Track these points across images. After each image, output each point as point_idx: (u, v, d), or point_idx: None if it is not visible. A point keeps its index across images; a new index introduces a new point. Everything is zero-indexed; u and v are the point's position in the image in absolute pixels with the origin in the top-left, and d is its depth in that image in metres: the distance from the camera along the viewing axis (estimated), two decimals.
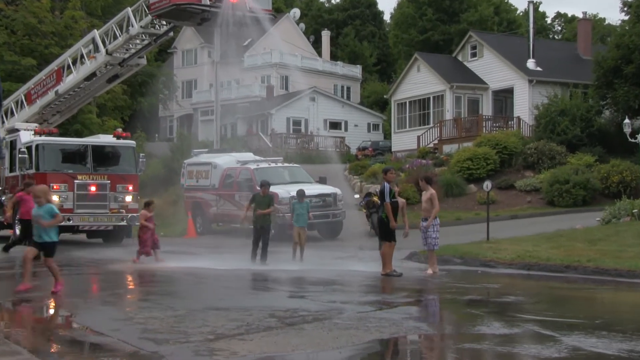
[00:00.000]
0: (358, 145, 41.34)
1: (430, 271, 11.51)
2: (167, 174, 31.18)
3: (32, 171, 16.95)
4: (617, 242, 12.96)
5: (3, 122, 21.97)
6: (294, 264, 12.63)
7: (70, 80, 20.98)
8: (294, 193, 16.96)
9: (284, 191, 18.21)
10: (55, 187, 17.02)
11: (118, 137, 18.36)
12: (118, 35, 19.78)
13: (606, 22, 64.23)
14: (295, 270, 12.00)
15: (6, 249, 14.60)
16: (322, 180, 20.23)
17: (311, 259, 12.73)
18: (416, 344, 6.35)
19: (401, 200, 11.60)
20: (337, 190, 19.30)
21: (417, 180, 23.54)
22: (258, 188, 19.04)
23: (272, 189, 18.51)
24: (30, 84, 22.59)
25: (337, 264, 12.80)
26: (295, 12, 55.10)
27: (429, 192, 11.55)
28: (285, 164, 21.35)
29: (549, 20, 68.21)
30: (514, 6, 65.01)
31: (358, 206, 21.89)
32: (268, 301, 8.41)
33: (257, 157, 22.04)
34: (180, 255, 14.14)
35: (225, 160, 21.30)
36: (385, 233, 11.24)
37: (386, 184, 11.20)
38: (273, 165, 20.46)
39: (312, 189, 17.91)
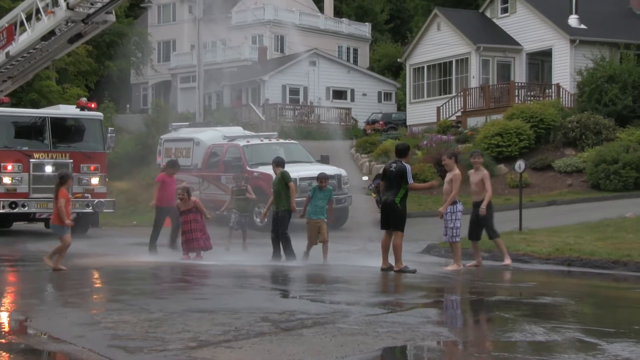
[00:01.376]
0: (367, 118, 41.32)
1: (452, 267, 11.61)
2: (140, 152, 31.21)
3: None
4: None
5: None
6: (296, 261, 12.49)
7: (23, 39, 20.84)
8: (295, 175, 16.99)
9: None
10: (6, 167, 17.03)
11: (82, 108, 18.30)
12: None
13: None
14: (291, 266, 12.12)
15: None
16: (324, 160, 20.23)
17: (311, 253, 12.78)
18: (435, 353, 6.37)
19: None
20: (342, 172, 19.33)
21: (438, 159, 23.74)
22: (248, 169, 19.10)
23: (263, 170, 18.59)
24: None
25: (341, 258, 12.88)
26: None
27: (452, 173, 11.61)
28: (281, 141, 21.39)
29: None
30: None
31: (367, 190, 21.92)
32: (260, 302, 8.46)
33: (247, 132, 22.06)
34: (157, 248, 14.15)
35: (210, 135, 21.33)
36: (400, 221, 11.29)
37: (407, 165, 11.26)
38: (266, 141, 20.49)
39: (312, 170, 17.93)
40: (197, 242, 13.16)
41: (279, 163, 13.21)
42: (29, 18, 20.87)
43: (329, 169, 19.19)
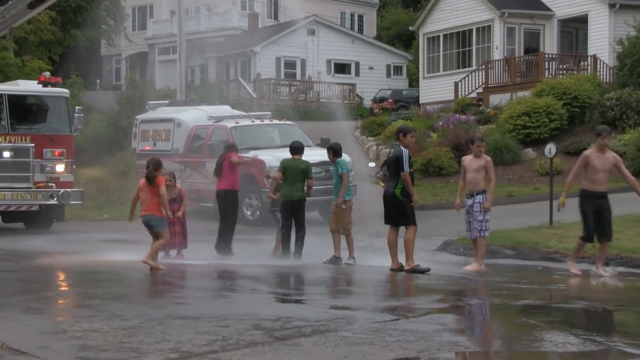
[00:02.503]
0: (374, 96, 41.40)
1: (472, 266, 11.65)
2: (113, 135, 31.18)
3: None
4: None
5: None
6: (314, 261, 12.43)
7: None
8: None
9: (272, 158, 18.23)
10: None
11: (45, 84, 18.23)
12: None
13: None
14: (287, 265, 12.16)
15: None
16: (324, 143, 20.17)
17: (309, 250, 12.85)
18: None
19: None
20: (345, 157, 19.21)
21: (456, 143, 23.75)
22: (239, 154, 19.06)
23: (257, 154, 18.55)
24: None
25: (344, 257, 12.83)
26: None
27: (485, 159, 11.65)
28: (275, 121, 21.39)
29: None
30: None
31: (374, 178, 21.88)
32: (251, 307, 8.48)
33: (236, 112, 22.16)
34: (134, 246, 14.15)
35: (193, 116, 21.43)
36: (405, 214, 11.33)
37: (404, 149, 11.29)
38: (258, 122, 20.61)
39: (311, 155, 17.92)
40: (177, 237, 13.18)
41: (297, 150, 13.16)
42: None
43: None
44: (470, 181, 11.65)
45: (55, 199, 17.45)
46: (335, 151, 13.26)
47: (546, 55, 30.79)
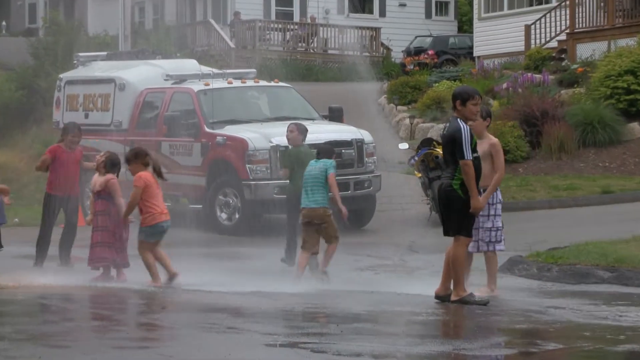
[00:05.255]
0: (407, 45, 41.23)
1: (482, 291, 11.80)
2: (25, 102, 31.01)
3: None
4: None
5: None
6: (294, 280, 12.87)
7: None
8: (278, 140, 16.72)
9: (259, 136, 18.20)
10: None
11: None
12: None
13: None
14: (286, 293, 12.17)
15: None
16: (334, 115, 20.13)
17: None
18: None
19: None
20: (365, 135, 19.33)
21: (528, 115, 23.57)
22: (207, 130, 19.03)
23: (232, 133, 18.53)
24: None
25: (365, 280, 13.11)
26: None
27: (488, 141, 11.88)
28: (262, 83, 21.26)
29: None
30: None
31: (407, 166, 21.82)
32: (228, 353, 8.45)
33: (206, 69, 22.10)
34: (54, 264, 14.15)
35: (143, 74, 21.41)
36: (461, 219, 11.33)
37: (463, 124, 11.25)
38: (237, 84, 20.52)
39: (316, 132, 17.87)
40: (107, 249, 13.31)
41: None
42: None
43: (344, 132, 19.14)
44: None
45: None
46: (326, 152, 13.88)
47: None
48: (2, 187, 14.27)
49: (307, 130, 14.54)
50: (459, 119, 11.20)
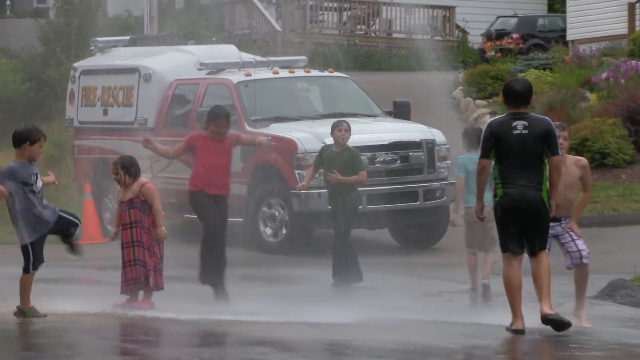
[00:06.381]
0: (486, 28, 41.34)
1: (583, 312, 12.42)
2: (33, 95, 31.30)
3: None
4: None
5: None
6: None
7: None
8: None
9: (310, 136, 18.12)
10: None
11: None
12: None
13: None
14: (338, 324, 12.13)
15: None
16: (400, 111, 20.05)
17: (367, 295, 13.29)
18: None
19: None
20: (437, 135, 19.12)
21: (633, 110, 23.35)
22: (248, 128, 18.96)
23: (278, 133, 18.42)
24: None
25: (433, 308, 13.62)
26: None
27: (578, 165, 12.43)
28: (314, 73, 21.20)
29: None
30: None
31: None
32: None
33: (247, 56, 22.25)
34: (70, 287, 14.08)
35: (172, 62, 21.79)
36: (545, 230, 12.01)
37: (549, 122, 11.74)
38: (285, 75, 20.47)
39: (379, 131, 17.74)
40: (142, 269, 13.07)
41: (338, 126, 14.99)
42: None
43: (410, 131, 19.06)
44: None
45: None
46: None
47: None
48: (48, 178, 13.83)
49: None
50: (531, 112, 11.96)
